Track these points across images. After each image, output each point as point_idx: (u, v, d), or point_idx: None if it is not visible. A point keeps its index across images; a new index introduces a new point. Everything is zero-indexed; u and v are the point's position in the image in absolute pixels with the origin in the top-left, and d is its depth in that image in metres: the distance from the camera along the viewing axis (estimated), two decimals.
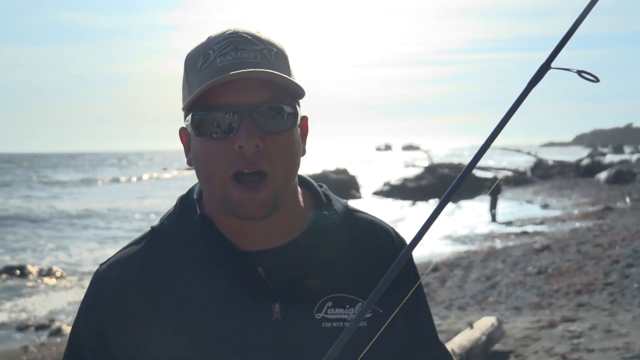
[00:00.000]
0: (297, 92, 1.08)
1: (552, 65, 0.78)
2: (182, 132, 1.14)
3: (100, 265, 1.16)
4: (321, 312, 1.09)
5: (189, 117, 1.07)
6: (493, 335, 6.12)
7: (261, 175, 1.03)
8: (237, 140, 1.02)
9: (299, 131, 1.11)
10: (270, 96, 1.04)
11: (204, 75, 1.04)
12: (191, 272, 1.09)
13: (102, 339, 1.10)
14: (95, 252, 16.04)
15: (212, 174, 1.05)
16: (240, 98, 1.03)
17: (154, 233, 1.15)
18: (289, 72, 1.09)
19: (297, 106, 1.09)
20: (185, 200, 1.17)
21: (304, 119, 1.15)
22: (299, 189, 1.17)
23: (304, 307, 1.09)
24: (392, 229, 1.24)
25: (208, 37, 1.09)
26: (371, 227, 1.21)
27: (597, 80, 0.77)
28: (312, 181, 1.21)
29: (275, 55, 1.07)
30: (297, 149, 1.09)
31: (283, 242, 1.12)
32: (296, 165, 1.10)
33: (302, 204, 1.16)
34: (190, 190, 1.20)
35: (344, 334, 0.85)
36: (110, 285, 1.11)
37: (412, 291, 1.09)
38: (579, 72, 0.77)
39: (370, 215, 1.24)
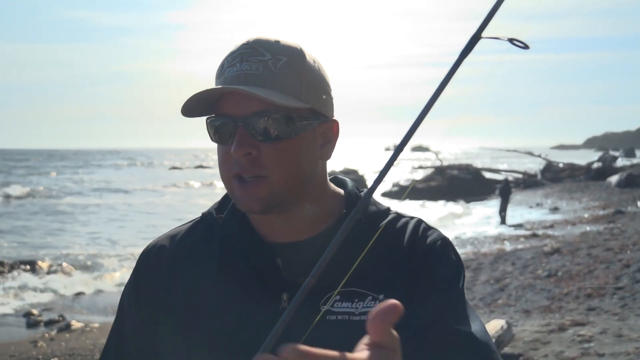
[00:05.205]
0: (298, 103, 1.10)
1: (483, 35, 0.78)
2: None
3: (150, 243, 1.29)
4: (327, 304, 1.11)
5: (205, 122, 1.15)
6: (502, 338, 6.10)
7: (260, 177, 1.09)
8: (232, 148, 1.09)
9: (315, 136, 1.14)
10: (264, 107, 1.08)
11: (216, 83, 1.12)
12: (217, 254, 1.19)
13: (139, 304, 1.22)
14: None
15: (222, 173, 1.15)
16: (236, 108, 1.09)
17: (201, 217, 1.27)
18: (296, 82, 1.10)
19: (298, 115, 1.10)
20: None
21: (332, 122, 1.18)
22: (331, 188, 1.22)
23: (310, 299, 1.10)
24: (426, 223, 1.22)
25: (235, 45, 1.15)
26: (401, 225, 1.20)
27: (526, 47, 0.77)
28: (349, 182, 1.26)
29: (282, 65, 1.10)
30: (300, 155, 1.11)
31: (304, 237, 1.17)
32: (300, 170, 1.12)
33: (329, 203, 1.20)
34: None
35: (279, 324, 0.75)
36: (150, 258, 1.24)
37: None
38: (510, 40, 0.77)
39: (407, 215, 1.23)
